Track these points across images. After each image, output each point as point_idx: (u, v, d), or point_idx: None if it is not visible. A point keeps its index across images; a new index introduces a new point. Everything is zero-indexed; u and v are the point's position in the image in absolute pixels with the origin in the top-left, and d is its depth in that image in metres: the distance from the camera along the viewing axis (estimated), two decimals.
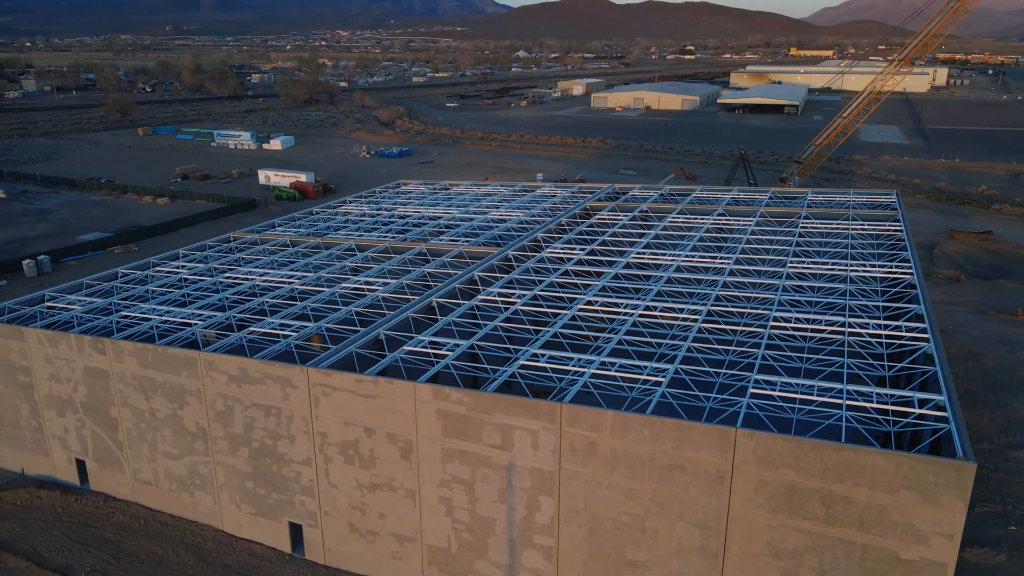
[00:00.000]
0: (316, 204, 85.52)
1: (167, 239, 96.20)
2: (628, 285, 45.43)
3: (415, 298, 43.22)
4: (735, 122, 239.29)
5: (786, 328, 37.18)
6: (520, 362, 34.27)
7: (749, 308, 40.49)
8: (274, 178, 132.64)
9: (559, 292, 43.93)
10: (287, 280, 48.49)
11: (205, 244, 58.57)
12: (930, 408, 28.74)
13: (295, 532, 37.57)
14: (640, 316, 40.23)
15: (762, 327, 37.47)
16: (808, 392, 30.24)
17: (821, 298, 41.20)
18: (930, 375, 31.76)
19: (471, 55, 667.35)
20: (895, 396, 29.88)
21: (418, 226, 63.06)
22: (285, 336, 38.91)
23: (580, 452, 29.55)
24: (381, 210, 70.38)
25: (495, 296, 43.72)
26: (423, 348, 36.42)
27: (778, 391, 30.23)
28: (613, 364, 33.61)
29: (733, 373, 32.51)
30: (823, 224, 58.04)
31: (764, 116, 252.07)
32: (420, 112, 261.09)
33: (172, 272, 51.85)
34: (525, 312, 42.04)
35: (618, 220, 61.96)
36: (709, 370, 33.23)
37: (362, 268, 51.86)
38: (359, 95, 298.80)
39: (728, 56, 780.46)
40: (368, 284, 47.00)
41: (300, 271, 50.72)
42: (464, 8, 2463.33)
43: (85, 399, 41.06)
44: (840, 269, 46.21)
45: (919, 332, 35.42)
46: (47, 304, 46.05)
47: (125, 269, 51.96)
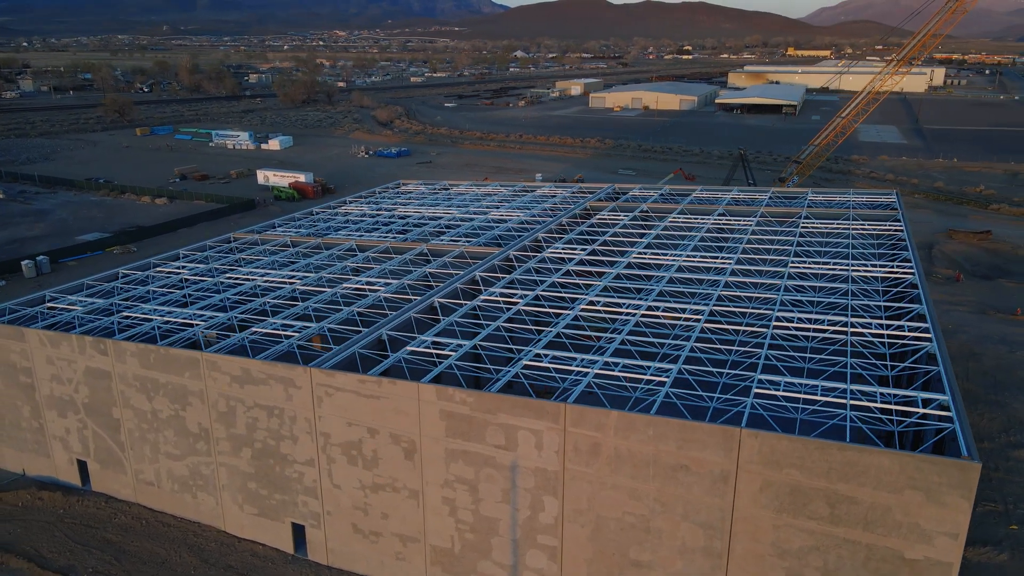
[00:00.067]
0: (315, 204, 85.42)
1: (166, 239, 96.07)
2: (630, 285, 45.44)
3: (417, 298, 43.20)
4: (733, 122, 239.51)
5: (788, 328, 37.22)
6: (523, 362, 34.28)
7: (751, 308, 40.53)
8: (273, 178, 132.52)
9: (561, 292, 43.94)
10: (288, 280, 48.44)
11: (206, 244, 58.51)
12: (933, 408, 28.79)
13: (298, 533, 37.52)
14: (642, 316, 40.25)
15: (765, 327, 37.49)
16: (812, 392, 30.29)
17: (823, 298, 41.25)
18: (933, 375, 31.81)
19: (469, 55, 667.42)
20: (899, 396, 29.93)
21: (419, 226, 63.04)
22: (287, 337, 38.88)
23: (584, 452, 29.55)
24: (381, 210, 70.35)
25: (497, 296, 43.72)
26: (426, 348, 36.41)
27: (782, 391, 30.27)
28: (616, 364, 33.62)
29: (736, 373, 32.55)
30: (824, 224, 58.11)
31: (762, 116, 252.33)
32: (418, 112, 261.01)
33: (173, 273, 51.78)
34: (527, 312, 42.04)
35: (619, 220, 61.97)
36: (712, 370, 33.26)
37: (363, 268, 51.82)
38: (357, 95, 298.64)
39: (726, 56, 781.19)
40: (369, 284, 46.98)
41: (301, 271, 50.67)
42: (461, 8, 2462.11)
43: (87, 400, 40.99)
44: (841, 269, 46.26)
45: (921, 332, 35.49)
46: (48, 305, 45.96)
47: (126, 270, 51.88)
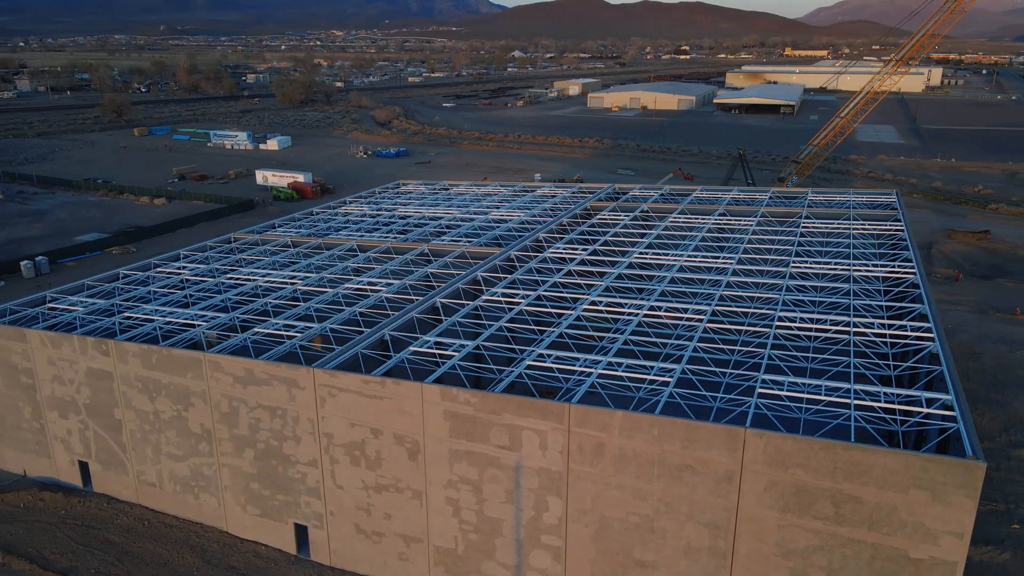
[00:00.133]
0: (314, 205, 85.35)
1: (165, 240, 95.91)
2: (631, 285, 45.45)
3: (419, 299, 43.18)
4: (731, 122, 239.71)
5: (791, 328, 37.25)
6: (526, 362, 34.27)
7: (753, 308, 40.56)
8: (272, 178, 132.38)
9: (562, 292, 43.95)
10: (289, 281, 48.38)
11: (206, 245, 58.44)
12: (937, 408, 28.83)
13: (300, 533, 37.48)
14: (645, 316, 40.26)
15: (767, 327, 37.52)
16: (815, 392, 30.31)
17: (825, 298, 41.29)
18: (936, 374, 31.84)
19: (467, 55, 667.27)
20: (902, 395, 29.96)
21: (419, 226, 63.00)
22: (290, 337, 38.83)
23: (588, 452, 29.55)
24: (381, 210, 70.30)
25: (499, 296, 43.71)
26: (428, 349, 36.39)
27: (785, 391, 30.29)
28: (620, 364, 33.62)
29: (740, 373, 32.57)
30: (824, 224, 58.18)
31: (760, 116, 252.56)
32: (417, 112, 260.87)
33: (174, 273, 51.70)
34: (529, 312, 42.02)
35: (619, 220, 61.98)
36: (716, 370, 33.28)
37: (364, 269, 51.78)
38: (355, 95, 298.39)
39: (723, 56, 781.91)
40: (371, 285, 46.94)
41: (302, 272, 50.61)
42: (459, 8, 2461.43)
43: (88, 401, 40.91)
44: (843, 269, 46.31)
45: (924, 332, 35.54)
46: (49, 305, 45.85)
47: (126, 270, 51.78)
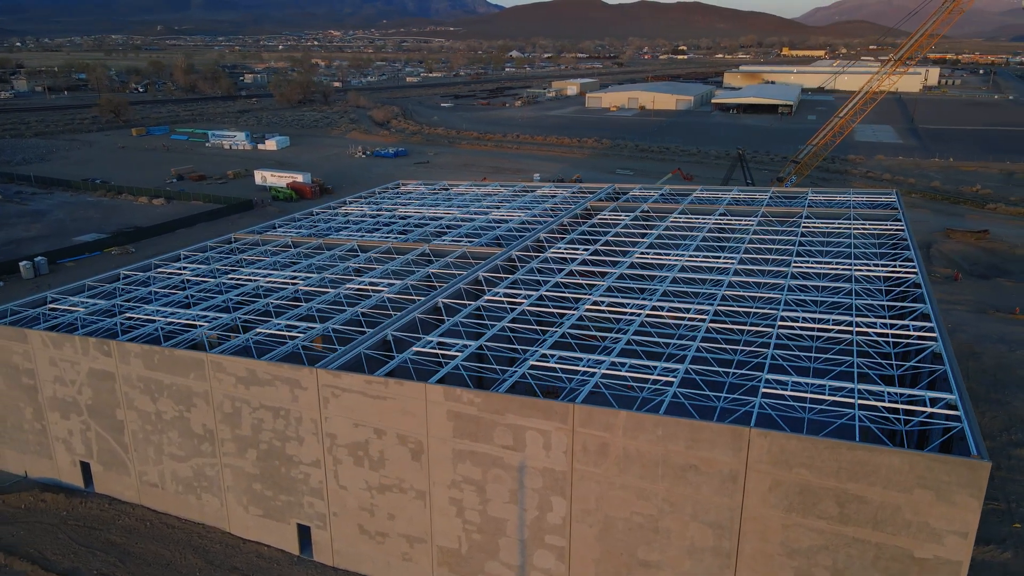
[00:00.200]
0: (313, 205, 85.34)
1: (164, 240, 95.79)
2: (633, 285, 45.45)
3: (421, 299, 43.16)
4: (730, 122, 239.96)
5: (793, 328, 37.28)
6: (530, 363, 34.26)
7: (756, 308, 40.59)
8: (270, 179, 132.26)
9: (564, 292, 43.95)
10: (291, 281, 48.33)
11: (207, 245, 58.36)
12: (941, 407, 28.87)
13: (303, 534, 37.45)
14: (647, 316, 40.27)
15: (770, 327, 37.56)
16: (819, 391, 30.34)
17: (826, 297, 41.34)
18: (939, 374, 31.89)
19: (464, 55, 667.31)
20: (906, 395, 30.01)
21: (419, 227, 62.96)
22: (292, 338, 38.79)
23: (592, 452, 29.56)
24: (382, 211, 70.26)
25: (501, 297, 43.70)
26: (431, 349, 36.37)
27: (789, 391, 30.32)
28: (623, 364, 33.63)
29: (743, 373, 32.60)
30: (825, 224, 58.24)
31: (758, 116, 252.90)
32: (415, 112, 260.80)
33: (175, 273, 51.62)
34: (531, 312, 42.02)
35: (620, 220, 61.99)
36: (719, 370, 33.30)
37: (365, 269, 51.75)
38: (353, 95, 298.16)
39: (721, 56, 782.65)
40: (372, 285, 46.91)
41: (303, 272, 50.56)
42: (456, 8, 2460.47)
43: (90, 401, 40.83)
44: (844, 269, 46.37)
45: (926, 331, 35.60)
46: (50, 306, 45.76)
47: (127, 271, 51.69)
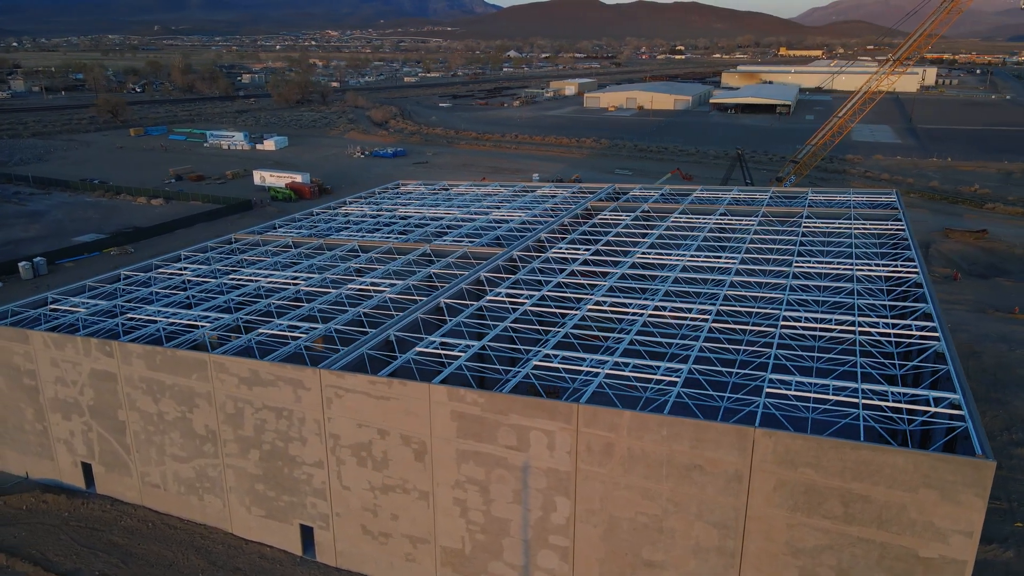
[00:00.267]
0: (312, 205, 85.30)
1: (164, 240, 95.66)
2: (635, 285, 45.46)
3: (423, 299, 43.14)
4: (728, 122, 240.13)
5: (796, 328, 37.33)
6: (533, 363, 34.26)
7: (758, 308, 40.62)
8: (269, 179, 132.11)
9: (566, 292, 43.94)
10: (292, 282, 48.26)
11: (207, 245, 58.29)
12: (944, 406, 28.92)
13: (306, 534, 37.42)
14: (649, 316, 40.28)
15: (772, 327, 37.60)
16: (822, 391, 30.38)
17: (828, 297, 41.39)
18: (942, 373, 31.94)
19: (462, 55, 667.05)
20: (909, 395, 30.06)
21: (420, 227, 62.92)
22: (294, 338, 38.75)
23: (597, 452, 29.56)
24: (382, 211, 70.21)
25: (503, 297, 43.70)
26: (434, 349, 36.35)
27: (793, 390, 30.35)
28: (626, 364, 33.62)
29: (747, 373, 32.62)
30: (825, 224, 58.31)
31: (756, 116, 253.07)
32: (413, 112, 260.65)
33: (175, 274, 51.55)
34: (533, 313, 42.02)
35: (620, 220, 62.01)
36: (722, 370, 33.33)
37: (366, 269, 51.71)
38: (351, 95, 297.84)
39: (718, 56, 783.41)
40: (374, 285, 46.87)
41: (305, 272, 50.50)
42: (454, 8, 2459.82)
43: (92, 402, 40.76)
44: (845, 268, 46.42)
45: (929, 331, 35.65)
46: (51, 307, 45.64)
47: (128, 271, 51.61)
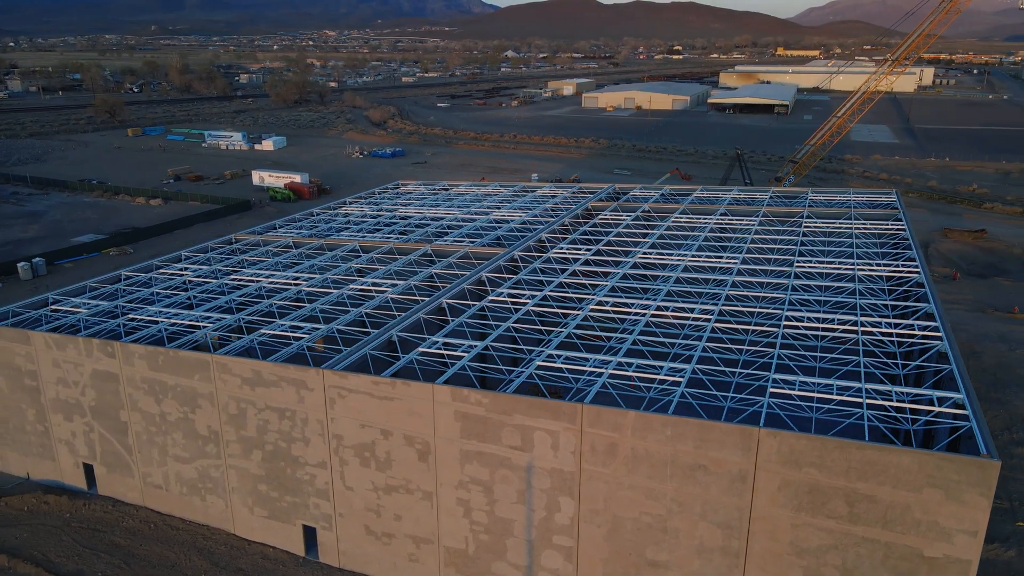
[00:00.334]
0: (312, 205, 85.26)
1: (163, 241, 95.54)
2: (636, 285, 45.48)
3: (425, 299, 43.11)
4: (726, 122, 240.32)
5: (798, 327, 37.35)
6: (536, 363, 34.25)
7: (760, 308, 40.64)
8: (268, 179, 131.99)
9: (568, 292, 43.93)
10: (293, 282, 48.22)
11: (208, 246, 58.21)
12: (948, 406, 28.96)
13: (309, 535, 37.38)
14: (652, 316, 40.29)
15: (775, 327, 37.63)
16: (826, 391, 30.40)
17: (830, 297, 41.42)
18: (945, 373, 31.99)
19: (460, 55, 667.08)
20: (913, 394, 30.09)
21: (421, 227, 62.89)
22: (296, 339, 38.71)
23: (601, 452, 29.57)
24: (382, 211, 70.16)
25: (504, 297, 43.68)
26: (437, 350, 36.33)
27: (796, 390, 30.38)
28: (630, 364, 33.63)
29: (750, 372, 32.64)
30: (826, 224, 58.37)
31: (755, 116, 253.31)
32: (411, 112, 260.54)
33: (176, 274, 51.48)
34: (536, 313, 42.01)
35: (621, 220, 62.02)
36: (725, 370, 33.35)
37: (368, 269, 51.67)
38: (349, 95, 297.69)
39: (716, 56, 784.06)
40: (375, 285, 46.84)
41: (306, 273, 50.44)
42: (451, 8, 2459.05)
43: (93, 403, 40.69)
44: (847, 268, 46.47)
45: (931, 331, 35.70)
46: (51, 307, 45.56)
47: (128, 271, 51.52)
